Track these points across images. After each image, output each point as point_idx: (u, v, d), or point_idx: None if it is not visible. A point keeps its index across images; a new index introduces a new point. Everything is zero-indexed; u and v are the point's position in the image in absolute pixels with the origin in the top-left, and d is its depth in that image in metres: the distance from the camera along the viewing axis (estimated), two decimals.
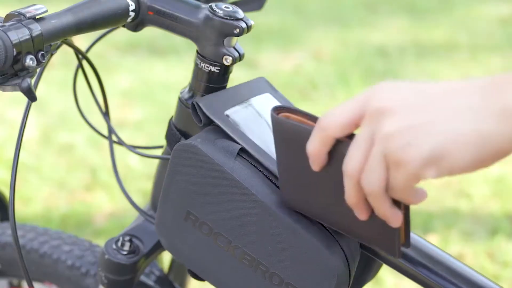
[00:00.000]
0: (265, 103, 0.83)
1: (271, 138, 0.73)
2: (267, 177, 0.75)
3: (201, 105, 0.78)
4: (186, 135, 0.85)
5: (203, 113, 0.78)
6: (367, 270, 0.82)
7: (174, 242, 0.82)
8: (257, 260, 0.75)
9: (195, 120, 0.79)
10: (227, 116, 0.78)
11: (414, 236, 0.77)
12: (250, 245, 0.75)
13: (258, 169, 0.75)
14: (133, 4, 0.78)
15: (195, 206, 0.78)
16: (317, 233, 0.71)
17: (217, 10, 0.78)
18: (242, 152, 0.76)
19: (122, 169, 2.17)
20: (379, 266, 0.83)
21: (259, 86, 0.86)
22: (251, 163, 0.75)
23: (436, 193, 2.32)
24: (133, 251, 0.93)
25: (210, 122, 0.78)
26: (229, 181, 0.74)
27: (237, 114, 0.79)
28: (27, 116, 0.82)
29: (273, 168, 0.74)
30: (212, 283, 0.81)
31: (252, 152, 0.75)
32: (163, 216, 0.81)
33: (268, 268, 0.74)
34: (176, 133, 0.86)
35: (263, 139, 0.78)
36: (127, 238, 0.93)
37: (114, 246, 0.93)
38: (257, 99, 0.83)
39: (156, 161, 0.96)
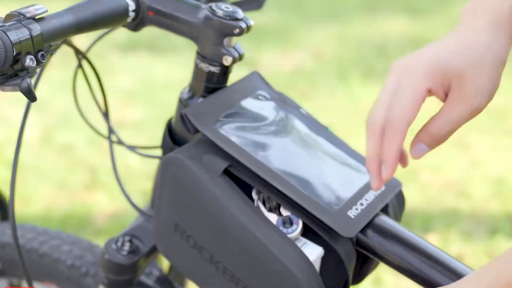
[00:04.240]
0: (259, 102, 0.83)
1: (265, 140, 0.73)
2: (251, 195, 0.75)
3: (189, 116, 0.77)
4: (183, 139, 0.85)
5: (192, 124, 0.77)
6: (367, 263, 0.83)
7: (169, 250, 0.82)
8: (237, 277, 0.75)
9: (185, 130, 0.79)
10: (218, 124, 0.78)
11: (412, 235, 0.77)
12: (229, 262, 0.75)
13: (245, 183, 0.75)
14: (133, 4, 0.78)
15: (181, 219, 0.78)
16: (291, 256, 0.71)
17: (217, 10, 0.78)
18: (230, 167, 0.75)
19: (122, 169, 2.16)
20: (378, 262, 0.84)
21: (252, 84, 0.85)
22: (238, 177, 0.75)
23: (436, 193, 2.32)
24: (133, 251, 0.93)
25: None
26: (210, 198, 0.74)
27: (228, 120, 0.79)
28: (27, 116, 0.82)
29: (264, 175, 0.74)
30: None
31: (241, 163, 0.75)
32: (158, 225, 0.82)
33: (247, 285, 0.75)
34: (169, 141, 0.86)
35: (256, 143, 0.77)
36: (127, 238, 0.93)
37: (114, 246, 0.93)
38: (250, 99, 0.83)
39: (156, 161, 0.96)
